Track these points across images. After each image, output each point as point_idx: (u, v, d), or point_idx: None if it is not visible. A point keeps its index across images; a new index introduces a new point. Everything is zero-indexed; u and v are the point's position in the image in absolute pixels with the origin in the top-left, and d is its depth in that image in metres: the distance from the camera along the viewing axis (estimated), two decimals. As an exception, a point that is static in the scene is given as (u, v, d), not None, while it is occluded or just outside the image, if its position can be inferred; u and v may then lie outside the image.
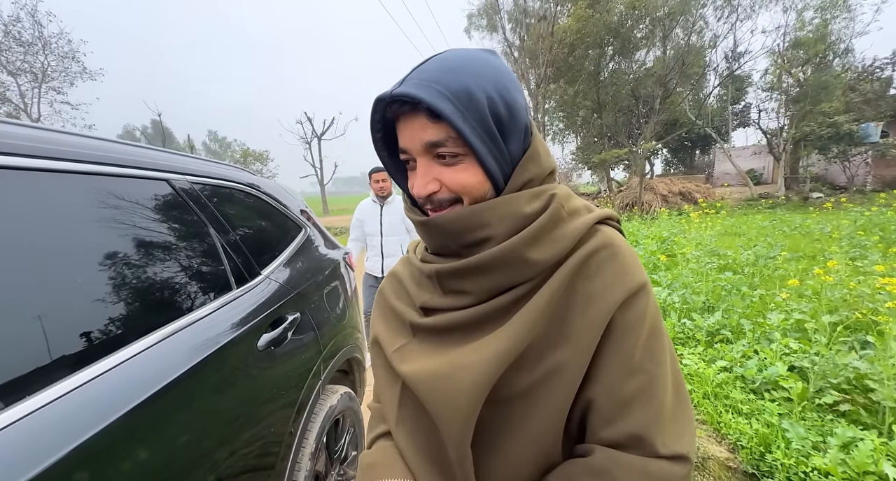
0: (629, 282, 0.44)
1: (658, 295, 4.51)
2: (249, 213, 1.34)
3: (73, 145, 0.76)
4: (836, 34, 15.53)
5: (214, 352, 0.84)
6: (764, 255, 5.20)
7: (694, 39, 15.63)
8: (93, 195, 0.76)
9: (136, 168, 0.88)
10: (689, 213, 8.14)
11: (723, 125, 21.04)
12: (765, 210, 12.48)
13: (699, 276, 4.87)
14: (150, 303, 0.80)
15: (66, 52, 14.28)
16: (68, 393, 0.58)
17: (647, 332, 0.44)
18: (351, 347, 1.61)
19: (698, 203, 15.33)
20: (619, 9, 13.58)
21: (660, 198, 15.41)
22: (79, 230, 0.72)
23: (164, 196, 0.94)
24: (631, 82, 15.67)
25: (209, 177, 1.17)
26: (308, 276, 1.44)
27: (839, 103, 14.84)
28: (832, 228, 7.01)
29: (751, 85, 20.50)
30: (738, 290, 4.28)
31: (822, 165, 17.97)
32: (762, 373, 2.44)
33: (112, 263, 0.75)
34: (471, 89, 0.42)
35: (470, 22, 19.25)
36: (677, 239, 7.45)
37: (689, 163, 32.17)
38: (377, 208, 2.91)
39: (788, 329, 2.97)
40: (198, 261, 0.96)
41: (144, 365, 0.70)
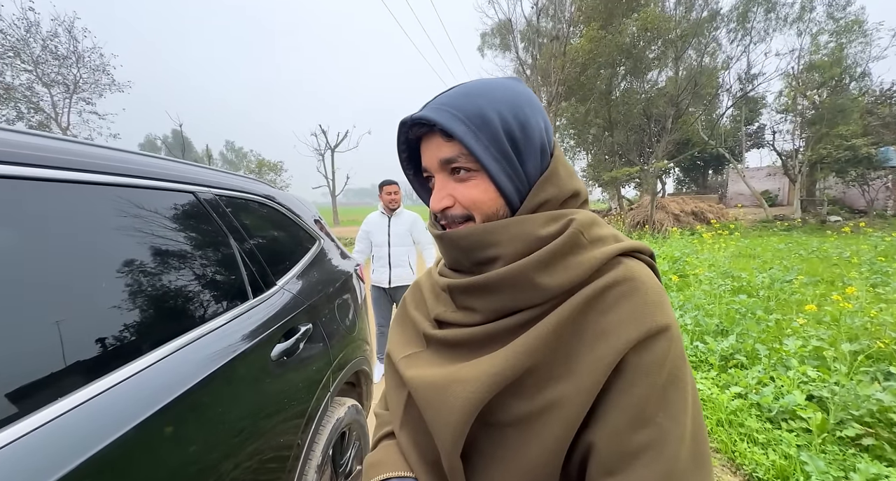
0: (647, 323, 0.41)
1: (670, 316, 4.41)
2: (266, 225, 1.38)
3: (114, 159, 0.80)
4: (853, 58, 15.50)
5: (230, 361, 0.86)
6: (780, 279, 5.09)
7: (707, 61, 15.74)
8: (127, 206, 0.80)
9: (167, 180, 0.93)
10: (702, 234, 8.02)
11: (736, 145, 20.91)
12: (780, 232, 12.24)
13: (712, 298, 4.77)
14: (172, 312, 0.82)
15: (97, 65, 15.10)
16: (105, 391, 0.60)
17: (665, 382, 0.40)
18: (359, 360, 1.62)
19: (711, 223, 15.13)
20: (631, 30, 13.78)
21: (671, 217, 15.25)
22: (113, 239, 0.76)
23: (190, 208, 0.98)
24: (643, 101, 15.76)
25: (230, 189, 1.21)
26: (320, 288, 1.46)
27: (857, 126, 14.69)
28: (851, 253, 6.83)
29: (765, 106, 20.44)
30: (752, 314, 4.17)
31: (840, 188, 17.65)
32: (779, 402, 2.36)
33: (140, 271, 0.78)
34: (484, 111, 0.44)
35: (483, 41, 19.73)
36: (689, 259, 7.34)
37: (701, 182, 31.90)
38: (385, 220, 2.96)
39: (806, 356, 2.88)
40: (218, 272, 0.99)
41: (163, 372, 0.72)
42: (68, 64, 14.41)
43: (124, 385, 0.65)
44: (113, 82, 15.65)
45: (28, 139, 0.67)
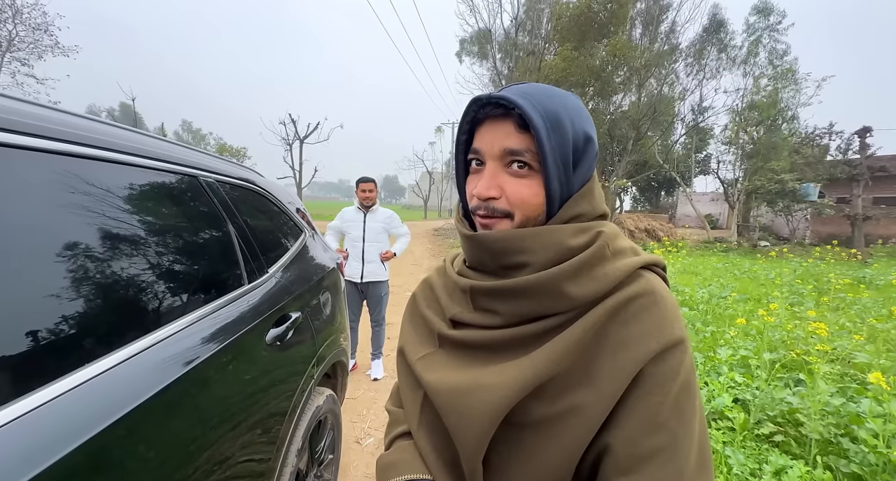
0: (667, 335, 0.43)
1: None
2: (258, 213, 1.39)
3: (123, 138, 0.81)
4: (785, 102, 17.49)
5: (230, 343, 0.88)
6: (717, 295, 5.63)
7: (666, 90, 17.05)
8: (133, 185, 0.81)
9: (172, 163, 0.93)
10: (654, 250, 8.70)
11: (686, 171, 22.75)
12: (719, 253, 13.48)
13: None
14: (172, 293, 0.84)
15: (38, 23, 13.56)
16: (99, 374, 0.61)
17: (678, 390, 0.42)
18: (338, 351, 1.65)
19: (662, 240, 16.34)
20: (601, 54, 14.66)
21: (627, 232, 16.29)
22: (120, 218, 0.77)
23: (193, 191, 0.99)
24: (608, 122, 16.77)
25: (227, 175, 1.22)
26: (307, 278, 1.48)
27: (786, 163, 16.55)
28: (775, 275, 7.69)
29: (712, 137, 22.44)
30: (693, 326, 4.59)
31: (770, 217, 19.75)
32: (710, 404, 2.65)
33: (142, 251, 0.79)
34: (560, 114, 0.45)
35: (462, 47, 20.05)
36: (641, 272, 7.90)
37: (655, 202, 34.30)
38: (361, 215, 2.99)
39: (735, 364, 3.23)
40: (218, 256, 1.00)
41: (165, 352, 0.74)
42: (2, 18, 12.84)
43: (134, 360, 0.67)
44: (56, 44, 14.11)
45: (50, 113, 0.68)
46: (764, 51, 17.54)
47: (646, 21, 16.18)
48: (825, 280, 6.89)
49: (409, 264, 8.95)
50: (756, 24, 17.64)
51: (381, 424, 2.49)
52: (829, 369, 2.62)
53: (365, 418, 2.56)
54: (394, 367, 3.33)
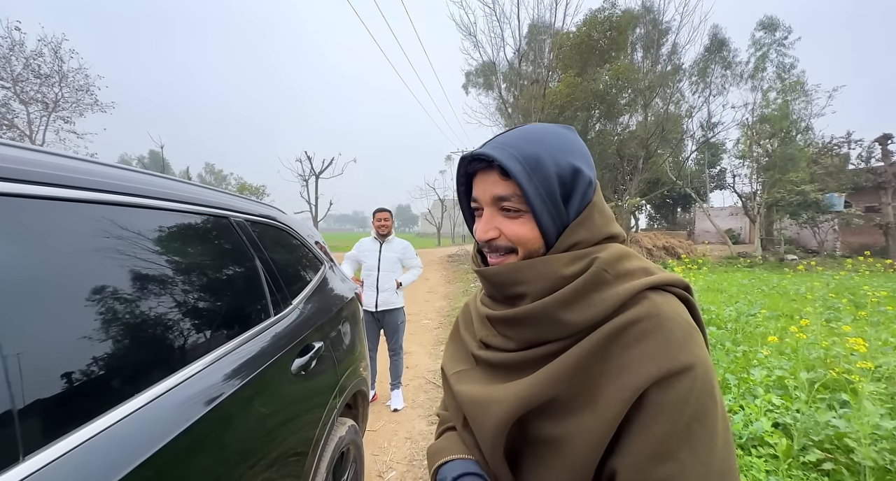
0: (669, 360, 0.42)
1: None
2: (281, 248, 1.48)
3: (162, 186, 0.91)
4: (797, 113, 17.37)
5: (260, 372, 0.93)
6: (745, 312, 5.40)
7: (672, 108, 17.24)
8: (170, 228, 0.90)
9: (206, 206, 1.03)
10: (674, 267, 8.45)
11: (701, 186, 22.48)
12: (744, 268, 13.01)
13: (685, 329, 5.01)
14: (202, 330, 0.90)
15: (81, 85, 14.99)
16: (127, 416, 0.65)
17: (688, 419, 0.41)
18: (359, 380, 1.67)
19: (681, 258, 15.89)
20: (604, 79, 15.07)
21: (645, 251, 15.96)
22: (157, 261, 0.85)
23: (225, 231, 1.08)
24: (616, 143, 16.93)
25: (252, 214, 1.31)
26: (327, 309, 1.54)
27: (805, 174, 16.21)
28: (806, 289, 7.35)
29: (725, 152, 22.30)
30: (722, 345, 4.40)
31: (795, 229, 19.09)
32: (748, 429, 2.50)
33: (178, 291, 0.86)
34: (540, 156, 0.48)
35: (468, 79, 20.91)
36: (663, 292, 7.66)
37: (671, 219, 33.71)
38: (377, 245, 3.08)
39: (771, 385, 3.07)
40: (247, 291, 1.08)
41: (203, 380, 0.80)
42: (50, 83, 14.27)
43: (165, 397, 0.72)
44: (95, 102, 15.52)
45: (109, 170, 0.78)
46: (771, 65, 17.69)
47: (646, 45, 16.66)
48: (861, 293, 6.54)
49: (424, 292, 8.95)
50: (762, 39, 17.90)
51: (402, 457, 2.44)
52: (875, 388, 2.46)
53: (386, 451, 2.51)
54: (413, 397, 3.28)
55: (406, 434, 2.72)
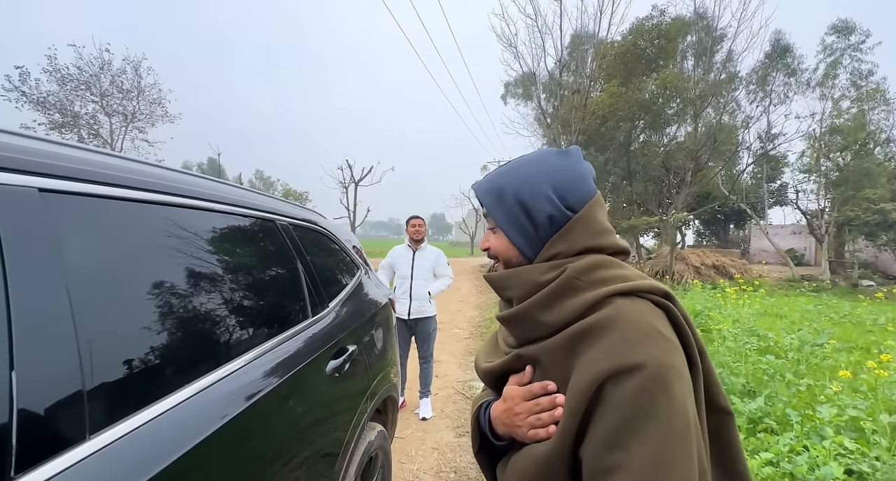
0: (622, 358, 0.46)
1: (692, 372, 4.26)
2: (321, 251, 1.53)
3: (221, 191, 0.97)
4: (876, 124, 15.67)
5: (298, 371, 0.95)
6: (810, 341, 4.88)
7: (726, 119, 16.19)
8: (221, 229, 0.95)
9: (255, 209, 1.09)
10: (725, 288, 7.80)
11: (758, 202, 20.79)
12: (808, 293, 11.78)
13: (737, 356, 4.60)
14: (243, 327, 0.94)
15: (155, 99, 16.81)
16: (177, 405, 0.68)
17: (634, 414, 0.44)
18: (389, 386, 1.68)
19: (734, 278, 14.70)
20: (650, 88, 14.47)
21: (692, 269, 14.94)
22: (213, 258, 0.90)
23: (271, 234, 1.13)
24: (662, 154, 16.13)
25: (295, 217, 1.37)
26: (361, 313, 1.57)
27: (884, 190, 14.50)
28: (887, 320, 6.52)
29: (787, 165, 20.51)
30: (781, 376, 4.00)
31: (872, 252, 17.06)
32: (815, 473, 2.22)
33: (225, 288, 0.91)
34: (504, 187, 0.60)
35: (506, 90, 20.91)
36: (712, 313, 7.11)
37: (722, 236, 31.38)
38: (410, 253, 3.11)
39: (842, 426, 2.73)
40: (288, 291, 1.12)
41: (241, 378, 0.83)
42: (130, 97, 16.14)
43: (227, 380, 0.76)
44: (166, 114, 17.32)
45: (174, 174, 0.85)
46: (844, 72, 16.14)
47: (698, 53, 15.86)
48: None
49: (456, 301, 8.92)
50: (834, 44, 16.43)
51: (429, 467, 2.41)
52: (977, 440, 2.10)
53: (413, 459, 2.49)
54: (442, 407, 3.25)
55: (434, 444, 2.69)
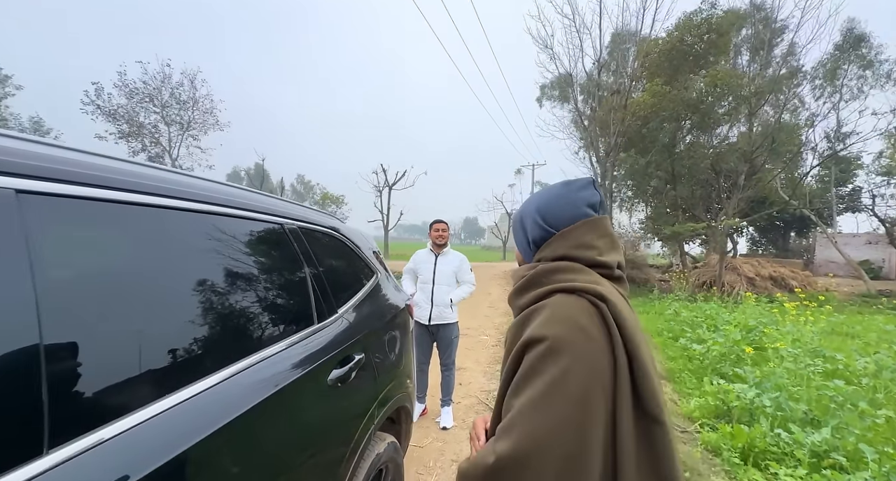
0: (536, 332, 0.61)
1: (744, 394, 3.87)
2: (332, 255, 1.50)
3: (221, 193, 0.96)
4: (972, 119, 13.71)
5: (296, 380, 0.92)
6: (891, 367, 4.29)
7: (787, 117, 14.83)
8: (221, 233, 0.94)
9: (260, 212, 1.07)
10: (783, 302, 7.03)
11: (825, 208, 18.83)
12: (887, 310, 10.44)
13: (798, 379, 4.12)
14: (248, 330, 0.92)
15: (207, 108, 18.20)
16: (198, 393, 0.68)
17: (529, 371, 0.59)
18: (402, 396, 1.62)
19: (794, 291, 13.33)
20: (698, 86, 13.57)
21: (745, 280, 13.74)
22: (211, 262, 0.88)
23: (276, 238, 1.12)
24: (711, 156, 15.04)
25: (308, 222, 1.35)
26: (374, 319, 1.52)
27: (982, 194, 12.61)
28: None
29: (860, 167, 18.45)
30: (853, 406, 3.52)
31: (967, 265, 14.86)
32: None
33: (231, 291, 0.89)
34: (517, 211, 0.85)
35: (542, 92, 20.49)
36: (767, 330, 6.45)
37: (781, 245, 28.71)
38: (433, 258, 3.05)
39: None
40: (294, 296, 1.09)
41: (245, 381, 0.80)
42: (187, 107, 17.63)
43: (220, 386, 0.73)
44: (216, 122, 18.69)
45: (167, 175, 0.84)
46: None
47: (754, 47, 14.68)
48: None
49: (485, 307, 8.77)
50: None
51: (448, 479, 2.32)
52: None
53: (431, 471, 2.41)
54: (464, 417, 3.15)
55: (453, 455, 2.60)
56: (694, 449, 3.24)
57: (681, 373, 5.32)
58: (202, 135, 18.84)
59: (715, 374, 5.02)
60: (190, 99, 17.85)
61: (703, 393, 4.47)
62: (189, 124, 18.14)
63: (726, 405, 3.94)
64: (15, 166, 0.55)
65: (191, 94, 17.81)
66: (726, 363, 5.24)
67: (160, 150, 17.48)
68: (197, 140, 18.78)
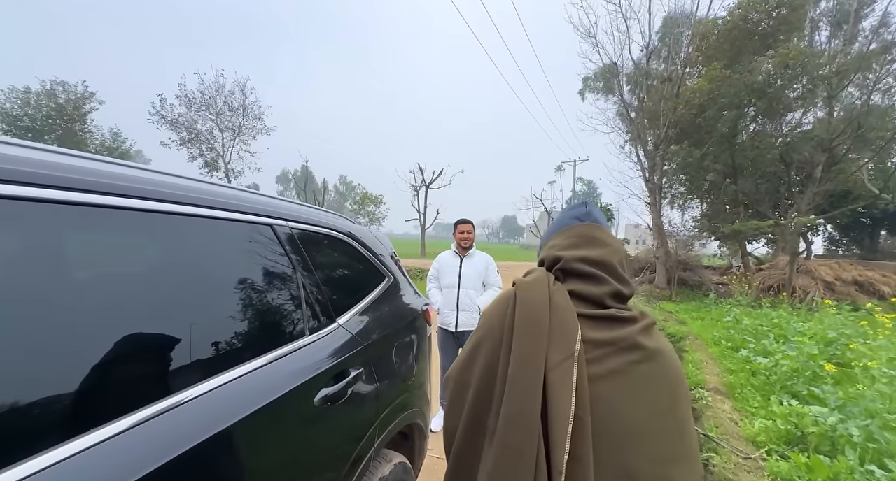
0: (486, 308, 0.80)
1: (823, 418, 3.32)
2: (337, 260, 1.39)
3: (201, 192, 0.86)
4: None
5: (270, 404, 0.81)
6: None
7: (877, 99, 12.88)
8: (203, 236, 0.85)
9: (244, 213, 0.97)
10: (873, 311, 5.99)
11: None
12: None
13: (894, 404, 3.47)
14: (223, 345, 0.82)
15: (255, 114, 19.38)
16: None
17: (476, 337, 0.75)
18: (412, 412, 1.49)
19: (886, 298, 11.54)
20: (766, 67, 12.14)
21: (821, 284, 12.16)
22: (182, 269, 0.79)
23: (264, 241, 1.02)
24: (780, 146, 13.44)
25: (307, 223, 1.24)
26: (382, 327, 1.40)
27: None
28: None
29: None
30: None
31: None
32: None
33: (204, 301, 0.79)
34: None
35: (585, 84, 19.48)
36: (853, 344, 5.58)
37: (868, 245, 25.16)
38: (457, 260, 2.87)
39: None
40: (280, 307, 0.99)
41: (208, 406, 0.70)
42: (237, 114, 18.94)
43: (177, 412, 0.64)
44: (264, 127, 19.89)
45: (157, 177, 0.76)
46: None
47: (837, 20, 12.88)
48: None
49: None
50: None
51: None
52: None
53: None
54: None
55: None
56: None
57: (742, 389, 4.73)
58: (251, 140, 20.17)
59: (785, 393, 4.41)
60: (240, 106, 19.17)
61: (769, 414, 3.93)
62: (240, 130, 19.48)
63: (800, 430, 3.41)
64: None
65: (241, 101, 19.12)
66: (799, 380, 4.58)
67: (215, 155, 18.95)
68: (247, 144, 20.14)
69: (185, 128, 17.67)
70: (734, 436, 3.58)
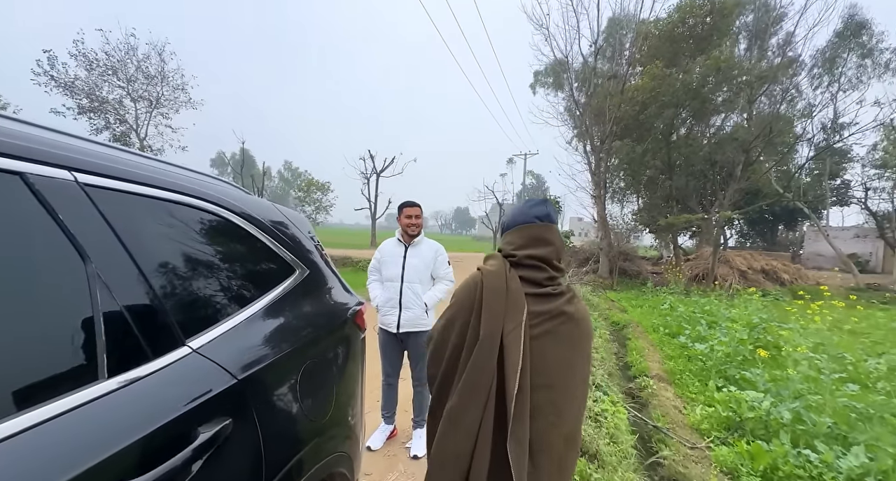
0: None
1: (758, 403, 3.44)
2: (199, 245, 0.90)
3: None
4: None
5: None
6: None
7: (784, 108, 14.42)
8: None
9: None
10: (783, 297, 6.67)
11: (817, 201, 18.68)
12: (880, 305, 10.27)
13: (816, 386, 3.71)
14: None
15: (178, 84, 16.80)
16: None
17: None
18: (333, 458, 1.06)
19: (786, 284, 13.14)
20: (700, 70, 13.00)
21: (737, 273, 13.52)
22: None
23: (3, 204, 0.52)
24: (707, 146, 14.60)
25: (126, 179, 0.75)
26: (280, 344, 0.95)
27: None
28: None
29: (852, 160, 18.30)
30: (880, 417, 3.14)
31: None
32: None
33: None
34: None
35: (536, 79, 19.70)
36: (771, 327, 6.09)
37: (769, 237, 28.86)
38: (401, 249, 2.43)
39: None
40: (27, 331, 0.51)
41: None
42: (155, 83, 16.22)
43: None
44: (189, 100, 17.31)
45: None
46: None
47: (754, 33, 14.11)
48: None
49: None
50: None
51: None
52: None
53: (394, 519, 1.89)
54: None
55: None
56: (708, 471, 2.79)
57: (682, 375, 4.88)
58: (174, 113, 17.39)
59: (720, 377, 4.62)
60: (158, 73, 16.34)
61: (709, 400, 4.04)
62: (158, 101, 16.64)
63: (738, 416, 3.52)
64: None
65: (159, 67, 16.32)
66: (731, 365, 4.83)
67: (126, 128, 16.08)
68: (168, 118, 17.33)
69: (84, 94, 14.63)
70: (680, 425, 3.60)
